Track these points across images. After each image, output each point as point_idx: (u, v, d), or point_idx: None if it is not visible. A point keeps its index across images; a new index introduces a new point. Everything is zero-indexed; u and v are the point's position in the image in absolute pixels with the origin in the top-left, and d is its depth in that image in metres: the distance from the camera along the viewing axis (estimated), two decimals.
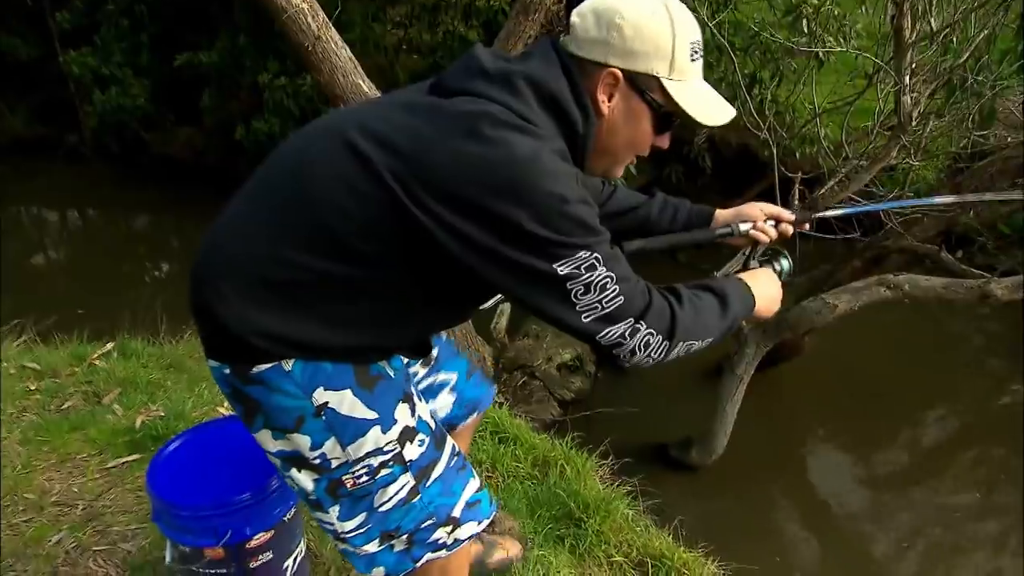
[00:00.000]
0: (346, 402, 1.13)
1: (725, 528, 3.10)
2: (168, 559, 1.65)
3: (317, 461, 1.16)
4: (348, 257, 1.05)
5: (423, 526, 1.22)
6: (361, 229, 1.04)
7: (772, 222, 1.45)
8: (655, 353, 1.08)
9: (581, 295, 1.02)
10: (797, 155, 5.62)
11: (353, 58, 2.77)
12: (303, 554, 1.76)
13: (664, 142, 1.19)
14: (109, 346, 3.12)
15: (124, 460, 2.29)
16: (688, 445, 3.54)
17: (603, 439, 2.70)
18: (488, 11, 6.11)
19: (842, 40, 3.68)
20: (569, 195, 0.99)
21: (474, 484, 1.31)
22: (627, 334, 1.05)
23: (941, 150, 4.30)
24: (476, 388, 1.65)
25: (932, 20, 2.66)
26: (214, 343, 1.15)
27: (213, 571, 1.58)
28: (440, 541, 1.24)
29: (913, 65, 2.89)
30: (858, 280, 3.16)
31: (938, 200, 1.89)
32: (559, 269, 1.00)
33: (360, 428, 1.14)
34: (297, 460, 1.18)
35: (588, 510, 2.22)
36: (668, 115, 1.12)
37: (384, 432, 1.16)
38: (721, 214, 1.48)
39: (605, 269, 1.02)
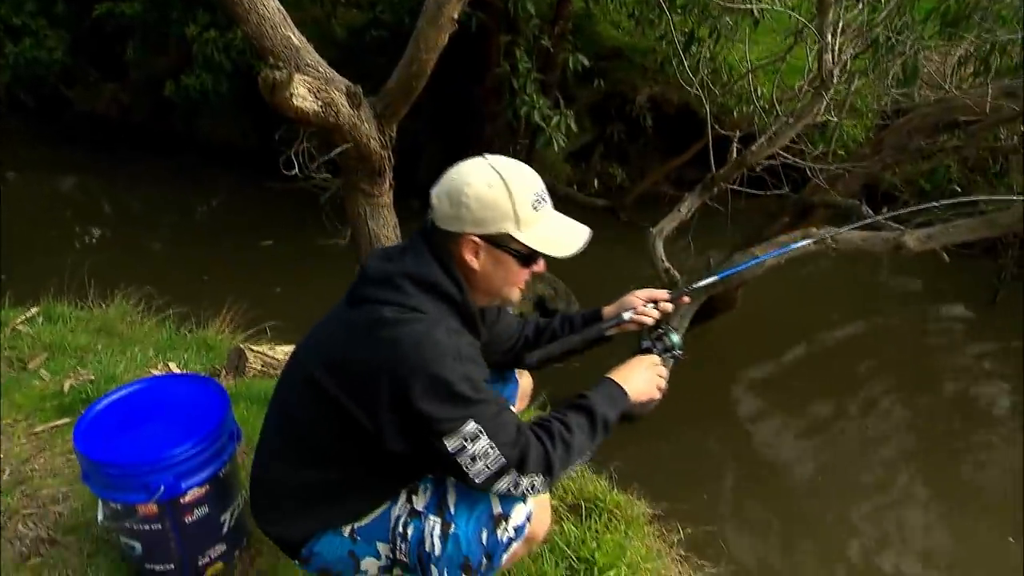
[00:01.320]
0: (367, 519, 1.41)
1: (658, 473, 3.25)
2: (100, 518, 1.65)
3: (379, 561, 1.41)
4: (330, 461, 1.35)
5: (484, 541, 1.32)
6: (332, 436, 1.32)
7: (652, 304, 1.62)
8: (541, 488, 1.30)
9: (469, 466, 1.24)
10: (735, 114, 5.75)
11: (282, 9, 2.66)
12: (240, 508, 1.77)
13: (540, 267, 1.39)
14: (34, 311, 3.02)
15: (53, 424, 2.24)
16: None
17: (539, 392, 2.78)
18: None
19: None
20: (450, 376, 1.21)
21: None
22: (512, 487, 1.27)
23: (867, 108, 4.47)
24: (505, 389, 1.73)
25: None
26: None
27: (147, 527, 1.59)
28: (507, 539, 1.33)
29: (841, 24, 2.98)
30: (785, 234, 3.28)
31: (798, 244, 2.02)
32: (448, 445, 1.22)
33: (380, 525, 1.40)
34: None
35: None
36: (529, 254, 1.33)
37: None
38: (607, 309, 1.67)
39: (486, 437, 1.23)
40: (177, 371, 2.67)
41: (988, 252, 5.25)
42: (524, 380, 1.80)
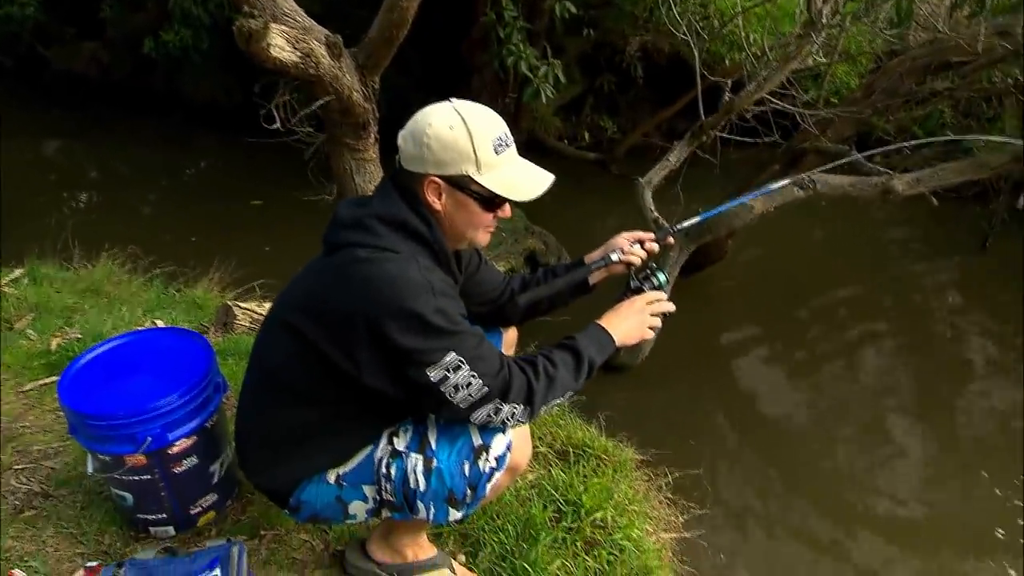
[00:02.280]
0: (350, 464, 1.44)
1: (647, 420, 3.29)
2: (90, 470, 1.67)
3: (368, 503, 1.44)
4: (310, 402, 1.37)
5: (466, 472, 1.35)
6: (311, 378, 1.34)
7: (638, 245, 1.65)
8: (521, 417, 1.33)
9: (452, 394, 1.27)
10: (726, 62, 5.65)
11: None
12: (230, 459, 1.80)
13: (505, 212, 1.41)
14: (18, 272, 3.00)
15: (41, 382, 2.25)
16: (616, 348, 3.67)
17: (527, 345, 2.80)
18: None
19: None
20: (424, 310, 1.23)
21: None
22: (492, 414, 1.30)
23: (859, 52, 4.39)
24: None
25: None
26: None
27: (136, 477, 1.61)
28: (489, 469, 1.36)
29: None
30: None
31: (781, 184, 2.01)
32: (431, 375, 1.25)
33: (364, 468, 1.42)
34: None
35: None
36: (490, 197, 1.34)
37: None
38: (592, 254, 1.69)
39: (468, 367, 1.26)
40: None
41: (978, 198, 5.24)
42: (509, 333, 1.81)
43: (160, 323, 2.69)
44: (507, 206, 1.39)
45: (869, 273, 5.12)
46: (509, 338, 1.82)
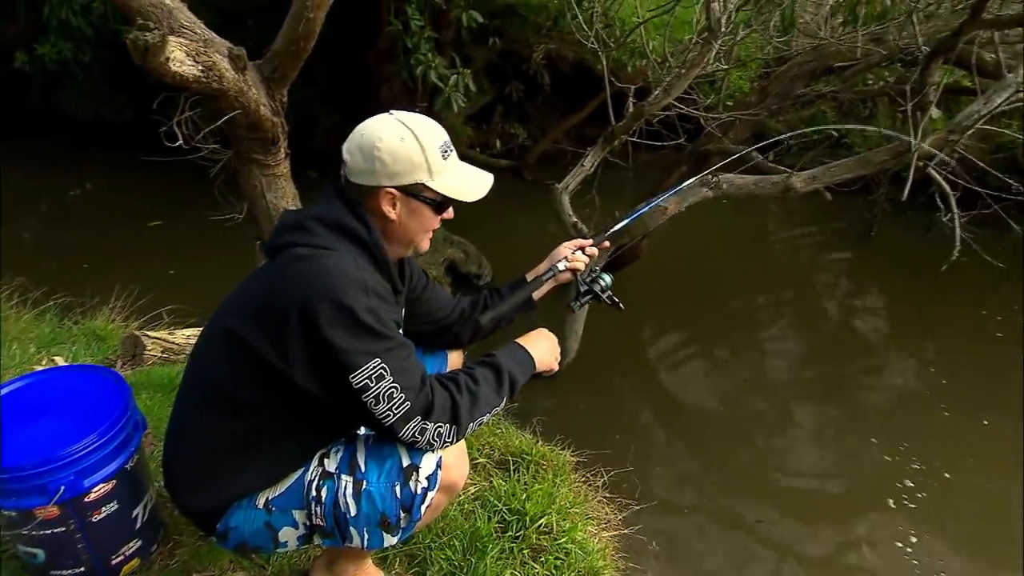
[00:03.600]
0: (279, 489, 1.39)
1: (578, 422, 3.35)
2: None
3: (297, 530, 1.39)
4: (242, 413, 1.33)
5: (398, 494, 1.31)
6: (244, 385, 1.31)
7: (579, 252, 1.72)
8: (448, 437, 1.31)
9: (374, 406, 1.24)
10: (629, 68, 5.86)
11: None
12: (154, 500, 1.68)
13: (449, 214, 1.44)
14: None
15: None
16: None
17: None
18: None
19: None
20: (355, 305, 1.22)
21: None
22: (418, 433, 1.28)
23: (751, 58, 4.67)
24: (433, 361, 1.73)
25: None
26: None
27: (49, 531, 1.48)
28: (421, 490, 1.32)
29: None
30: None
31: (688, 183, 2.15)
32: (353, 381, 1.22)
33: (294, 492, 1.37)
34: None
35: None
36: (440, 202, 1.39)
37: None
38: (538, 267, 1.75)
39: (391, 378, 1.24)
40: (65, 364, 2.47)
41: (862, 192, 5.68)
42: (453, 356, 1.80)
43: (60, 360, 2.48)
44: (451, 208, 1.43)
45: (770, 266, 5.44)
46: (453, 361, 1.80)
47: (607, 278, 1.69)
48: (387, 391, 1.23)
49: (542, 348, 1.51)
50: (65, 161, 6.88)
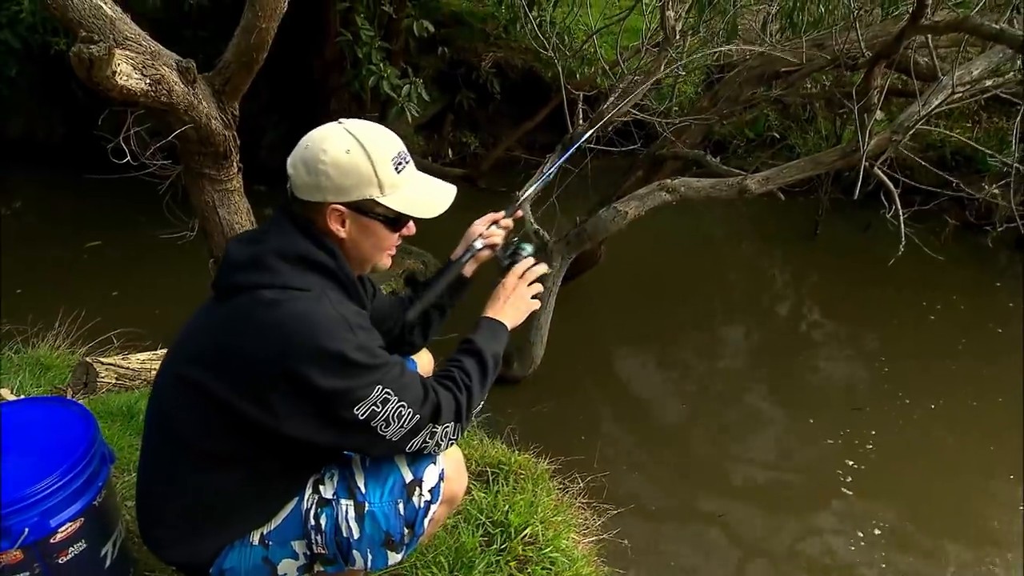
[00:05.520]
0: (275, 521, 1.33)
1: (549, 429, 3.34)
2: None
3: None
4: (223, 464, 1.26)
5: (402, 511, 1.28)
6: (220, 436, 1.23)
7: (493, 226, 1.64)
8: (453, 435, 1.30)
9: (384, 429, 1.20)
10: (578, 75, 5.93)
11: None
12: (123, 536, 1.59)
13: (410, 230, 1.35)
14: None
15: None
16: (508, 360, 3.72)
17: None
18: None
19: None
20: (344, 347, 1.15)
21: None
22: (428, 439, 1.26)
23: (697, 65, 4.79)
24: None
25: None
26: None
27: None
28: (424, 503, 1.29)
29: None
30: (642, 188, 3.46)
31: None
32: (359, 414, 1.17)
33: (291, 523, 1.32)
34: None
35: None
36: (396, 218, 1.29)
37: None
38: (455, 251, 1.66)
39: (396, 398, 1.20)
40: (12, 397, 2.32)
41: (807, 193, 5.89)
42: (424, 357, 1.76)
43: (6, 392, 2.33)
44: (411, 224, 1.34)
45: (721, 266, 5.58)
46: (424, 364, 1.77)
47: (527, 247, 1.61)
48: (395, 411, 1.20)
49: (511, 309, 1.48)
50: None
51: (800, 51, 3.48)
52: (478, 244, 1.60)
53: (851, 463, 3.28)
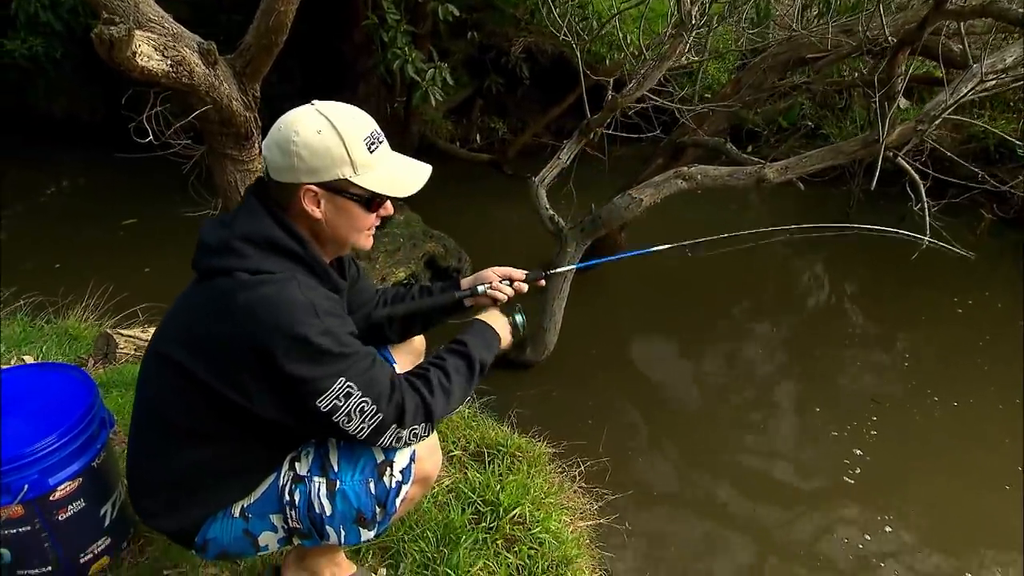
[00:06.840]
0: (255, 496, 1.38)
1: (557, 414, 3.37)
2: None
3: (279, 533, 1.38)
4: (204, 441, 1.29)
5: (372, 490, 1.31)
6: (202, 415, 1.26)
7: (507, 281, 1.63)
8: (424, 433, 1.31)
9: (347, 424, 1.22)
10: (607, 61, 5.87)
11: None
12: (123, 498, 1.67)
13: (388, 210, 1.36)
14: None
15: None
16: (522, 344, 3.74)
17: (436, 347, 2.78)
18: None
19: None
20: (309, 333, 1.16)
21: None
22: (395, 439, 1.28)
23: (727, 50, 4.70)
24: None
25: None
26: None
27: (14, 531, 1.47)
28: (395, 483, 1.32)
29: None
30: (659, 175, 3.42)
31: (655, 249, 2.14)
32: (321, 406, 1.19)
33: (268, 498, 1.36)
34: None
35: None
36: (371, 198, 1.29)
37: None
38: (465, 280, 1.67)
39: (359, 393, 1.21)
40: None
41: (836, 182, 5.74)
42: (415, 342, 1.78)
43: (29, 359, 2.46)
44: (388, 203, 1.35)
45: (748, 256, 5.46)
46: (416, 347, 1.79)
47: (519, 317, 1.59)
48: (357, 407, 1.21)
49: (503, 326, 1.52)
50: (39, 160, 6.77)
51: (827, 37, 3.37)
52: (481, 289, 1.61)
53: (862, 454, 3.22)
